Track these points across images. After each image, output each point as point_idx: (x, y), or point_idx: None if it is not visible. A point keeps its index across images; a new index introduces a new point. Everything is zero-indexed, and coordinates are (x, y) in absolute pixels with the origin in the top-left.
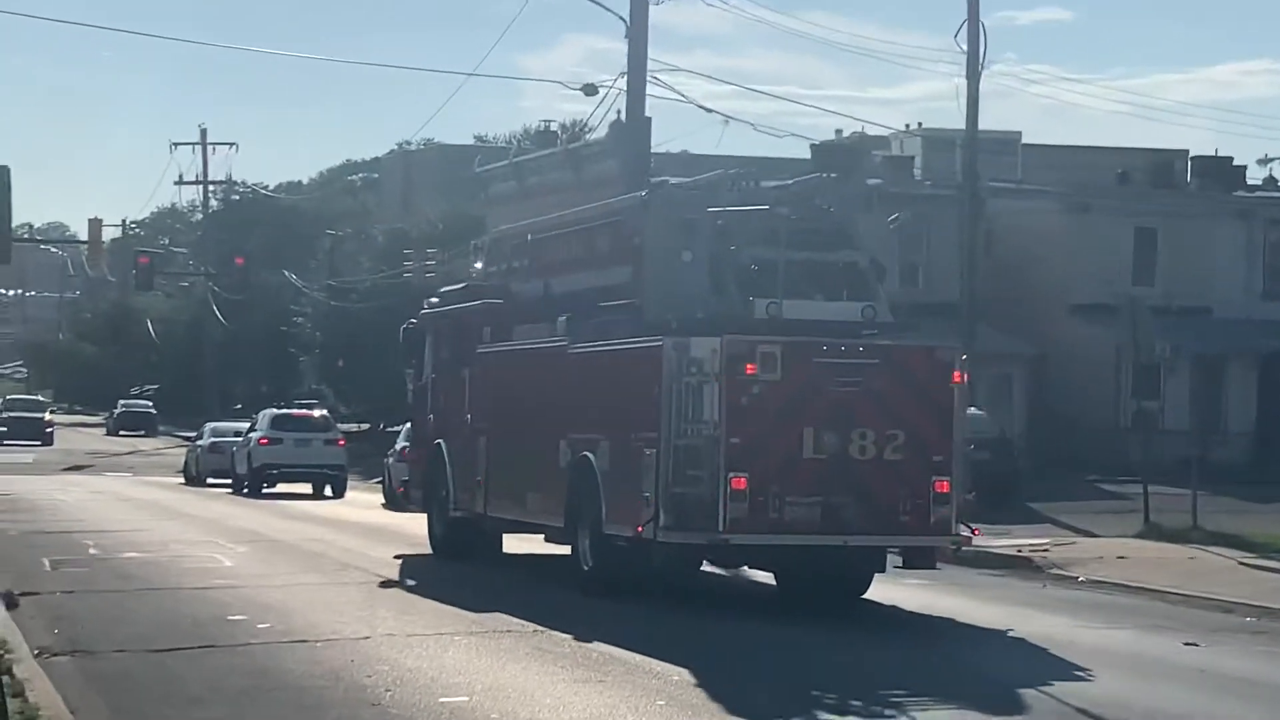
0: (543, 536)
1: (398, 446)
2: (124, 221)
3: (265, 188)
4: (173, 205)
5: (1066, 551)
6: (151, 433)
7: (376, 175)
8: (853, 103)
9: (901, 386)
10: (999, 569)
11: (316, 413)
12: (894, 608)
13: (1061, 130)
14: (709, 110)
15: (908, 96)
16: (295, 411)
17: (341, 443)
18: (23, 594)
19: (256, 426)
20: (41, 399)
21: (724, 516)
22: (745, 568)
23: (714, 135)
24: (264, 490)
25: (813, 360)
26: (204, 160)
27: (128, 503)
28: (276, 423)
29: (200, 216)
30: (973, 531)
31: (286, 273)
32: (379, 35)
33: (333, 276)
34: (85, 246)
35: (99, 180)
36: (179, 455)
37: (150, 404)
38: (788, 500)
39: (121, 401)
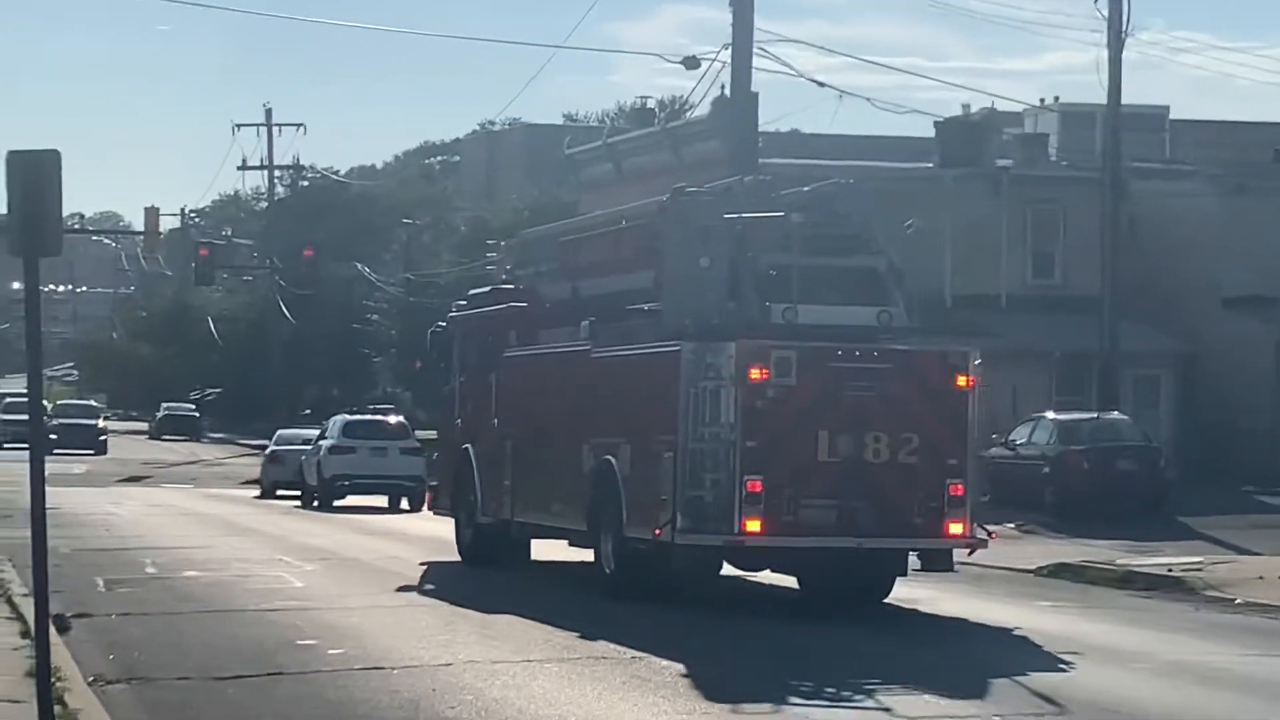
0: (567, 542)
1: None
2: (182, 210)
3: (335, 172)
4: (235, 192)
5: (1221, 571)
6: (195, 437)
7: (457, 158)
8: (981, 75)
9: (915, 390)
10: (1146, 590)
11: (392, 419)
12: (1027, 635)
13: (1214, 104)
14: (821, 84)
15: (1042, 68)
16: (369, 418)
17: (419, 452)
18: (75, 616)
19: (327, 434)
20: (94, 404)
21: (739, 518)
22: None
23: (827, 112)
24: (335, 504)
25: (827, 364)
26: (269, 143)
27: (188, 517)
28: (348, 430)
29: (265, 204)
30: (989, 534)
31: (359, 265)
32: (459, 5)
33: (409, 269)
34: (140, 237)
35: (155, 165)
36: (242, 465)
37: (194, 407)
38: (802, 503)
39: (164, 405)
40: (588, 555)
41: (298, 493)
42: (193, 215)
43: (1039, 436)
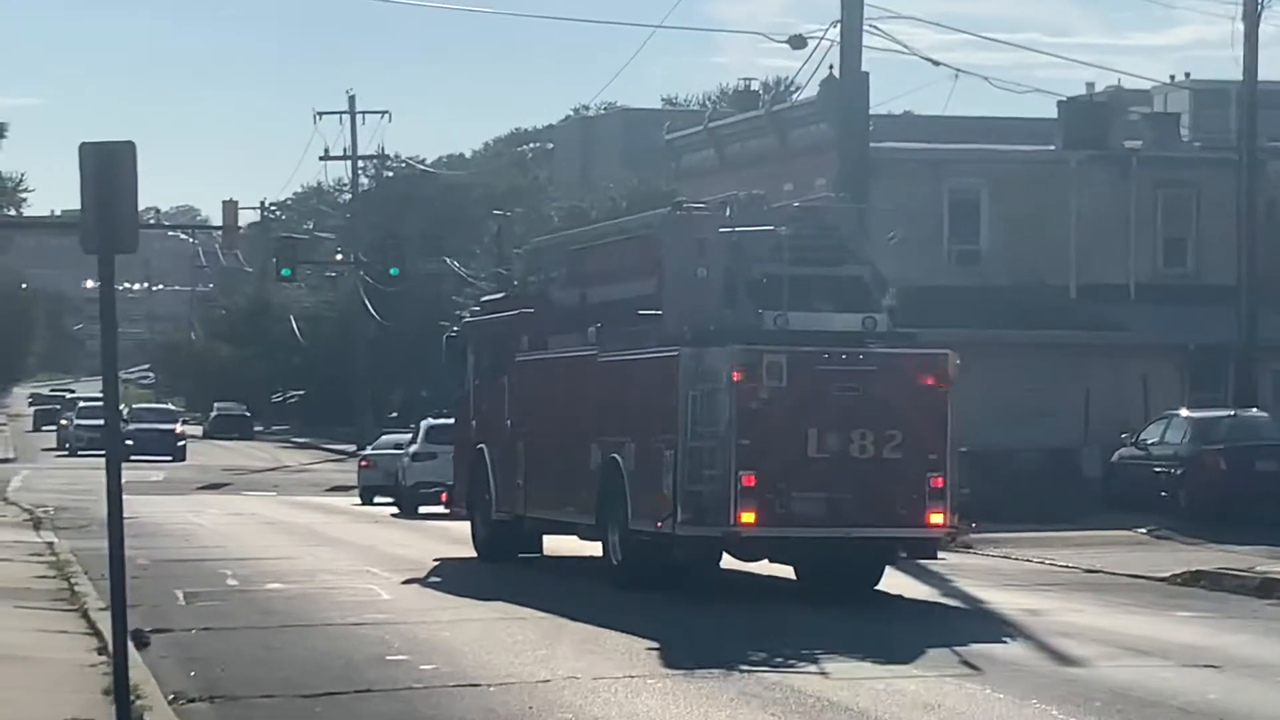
0: (576, 536)
1: None
2: (262, 203)
3: (422, 162)
4: (317, 184)
5: None
6: (246, 436)
7: (551, 145)
8: (1107, 51)
9: (898, 391)
10: None
11: None
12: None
13: None
14: (936, 63)
15: (1173, 43)
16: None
17: None
18: (154, 631)
19: (416, 438)
20: (172, 408)
21: (735, 510)
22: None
23: (942, 92)
24: (420, 511)
25: (815, 368)
26: (352, 132)
27: (271, 526)
28: (430, 435)
29: (349, 196)
30: (971, 525)
31: (448, 260)
32: None
33: (501, 264)
34: (219, 232)
35: (233, 157)
36: (326, 471)
37: (245, 407)
38: (794, 496)
39: (217, 405)
40: (595, 548)
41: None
42: (273, 208)
43: (1172, 435)
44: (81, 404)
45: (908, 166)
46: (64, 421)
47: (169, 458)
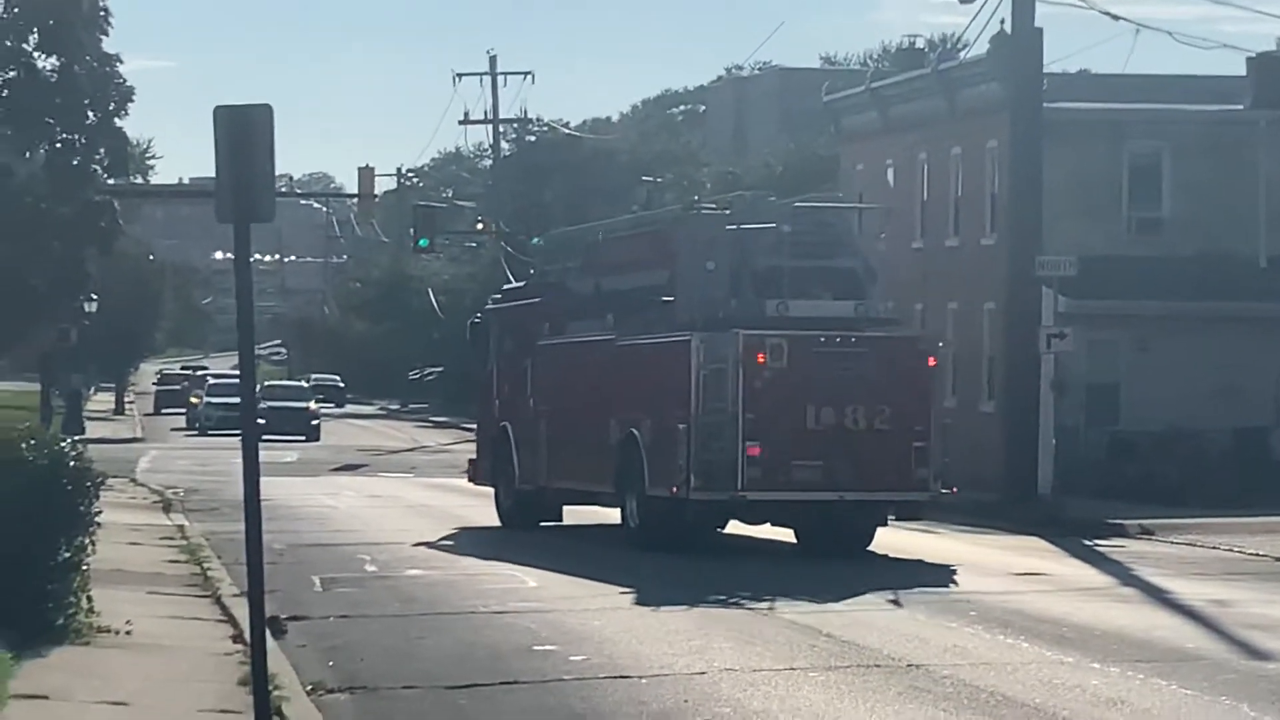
0: (597, 504)
1: None
2: (399, 170)
3: (566, 125)
4: (456, 149)
5: None
6: (340, 405)
7: (703, 108)
8: None
9: (887, 370)
10: None
11: None
12: None
13: None
14: (1115, 18)
15: None
16: None
17: None
18: (290, 619)
19: None
20: (305, 385)
21: (742, 477)
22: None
23: (1121, 49)
24: None
25: (813, 350)
26: (493, 94)
27: (411, 509)
28: None
29: (490, 162)
30: (951, 490)
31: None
32: None
33: None
34: (354, 201)
35: (368, 121)
36: (467, 452)
37: (338, 377)
38: (794, 463)
39: (313, 376)
40: (606, 514)
41: None
42: (410, 175)
43: None
44: (212, 381)
45: (1084, 128)
46: (194, 399)
47: (303, 437)
